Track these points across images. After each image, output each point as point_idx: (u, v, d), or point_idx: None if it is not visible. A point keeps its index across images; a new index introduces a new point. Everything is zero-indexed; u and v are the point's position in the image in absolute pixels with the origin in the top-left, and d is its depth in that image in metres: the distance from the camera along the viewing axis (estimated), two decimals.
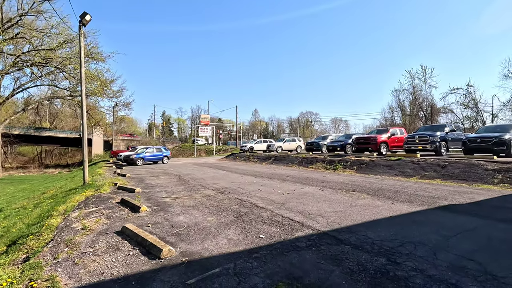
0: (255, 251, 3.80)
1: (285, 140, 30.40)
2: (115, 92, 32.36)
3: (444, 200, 6.66)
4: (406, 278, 2.91)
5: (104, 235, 4.72)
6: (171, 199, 7.83)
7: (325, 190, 8.62)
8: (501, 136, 12.11)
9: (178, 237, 4.52)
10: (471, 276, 2.90)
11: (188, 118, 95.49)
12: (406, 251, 3.61)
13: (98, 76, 27.69)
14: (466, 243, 3.84)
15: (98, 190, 9.49)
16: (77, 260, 3.70)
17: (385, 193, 7.82)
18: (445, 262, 3.25)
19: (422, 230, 4.48)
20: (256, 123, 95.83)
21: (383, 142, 16.83)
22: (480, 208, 5.88)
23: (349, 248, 3.79)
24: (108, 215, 6.13)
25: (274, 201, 7.14)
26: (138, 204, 6.65)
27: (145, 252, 3.90)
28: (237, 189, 9.30)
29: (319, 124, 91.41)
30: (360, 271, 3.12)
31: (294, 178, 11.92)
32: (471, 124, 36.97)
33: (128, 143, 53.25)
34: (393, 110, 50.19)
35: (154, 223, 5.36)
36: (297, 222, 5.12)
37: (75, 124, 55.71)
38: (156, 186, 10.59)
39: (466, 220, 5.01)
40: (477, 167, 10.18)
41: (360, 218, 5.27)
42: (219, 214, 5.96)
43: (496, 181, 8.89)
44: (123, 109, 38.87)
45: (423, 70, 42.65)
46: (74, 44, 24.86)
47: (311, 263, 3.35)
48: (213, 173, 15.13)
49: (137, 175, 14.92)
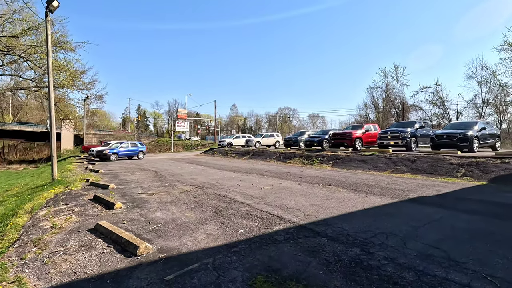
0: (234, 246, 3.81)
1: (263, 136, 30.55)
2: (86, 84, 30.67)
3: (413, 193, 7.04)
4: (378, 267, 3.06)
5: (76, 233, 4.52)
6: (147, 195, 7.64)
7: (303, 184, 8.80)
8: (464, 133, 12.97)
9: (155, 233, 4.43)
10: (436, 263, 3.11)
11: (164, 112, 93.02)
12: (379, 242, 3.79)
13: (67, 67, 26.08)
14: (432, 233, 4.09)
15: (68, 187, 9.04)
16: (47, 260, 3.52)
17: (360, 186, 8.12)
18: (414, 251, 3.45)
19: (393, 221, 4.72)
20: (234, 118, 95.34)
21: (358, 137, 17.41)
22: (445, 200, 6.29)
23: (326, 240, 3.91)
24: (80, 213, 5.87)
25: (252, 195, 7.19)
26: (112, 201, 6.43)
27: (120, 249, 3.78)
28: (215, 184, 9.25)
29: (297, 120, 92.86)
30: (336, 261, 3.23)
31: (272, 173, 12.04)
32: (438, 121, 39.15)
33: (101, 137, 50.99)
34: (367, 107, 52.03)
35: (129, 220, 5.21)
36: (275, 216, 5.20)
37: (42, 118, 52.41)
38: (132, 182, 10.27)
39: (433, 211, 5.33)
40: (443, 162, 10.84)
41: (336, 211, 5.45)
42: (198, 209, 5.91)
43: (460, 175, 9.53)
44: (95, 102, 36.94)
45: (395, 69, 44.42)
46: (40, 31, 23.21)
47: (289, 256, 3.43)
48: (191, 169, 14.92)
49: (111, 171, 14.38)
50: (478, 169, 9.52)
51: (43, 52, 23.13)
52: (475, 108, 36.59)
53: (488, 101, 34.95)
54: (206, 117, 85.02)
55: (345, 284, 2.73)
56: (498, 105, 34.73)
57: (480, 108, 35.79)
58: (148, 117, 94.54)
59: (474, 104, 36.52)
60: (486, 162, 9.84)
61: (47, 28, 10.95)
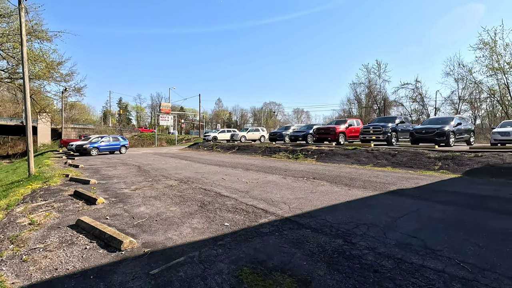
0: (220, 239, 3.83)
1: (248, 130, 30.54)
2: (63, 76, 29.37)
3: (393, 186, 7.30)
4: (360, 256, 3.17)
5: (56, 230, 4.39)
6: (130, 190, 7.50)
7: (288, 178, 8.92)
8: (441, 128, 13.51)
9: (139, 228, 4.37)
10: (414, 251, 3.26)
11: (147, 106, 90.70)
12: (360, 232, 3.92)
13: (43, 57, 24.87)
14: (411, 223, 4.28)
15: (46, 183, 8.72)
16: (25, 257, 3.41)
17: (343, 180, 8.33)
18: (393, 240, 3.60)
19: (374, 212, 4.89)
20: (219, 112, 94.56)
21: (341, 132, 17.76)
22: (423, 192, 6.57)
23: (310, 232, 4.00)
24: (60, 209, 5.69)
25: (238, 189, 7.22)
26: (94, 196, 6.27)
27: (103, 245, 3.71)
28: (200, 178, 9.20)
29: (282, 115, 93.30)
30: (320, 252, 3.33)
31: (257, 167, 12.11)
32: (418, 116, 40.51)
33: (80, 131, 49.27)
34: (350, 102, 53.00)
35: (112, 215, 5.11)
36: (261, 209, 5.25)
37: (16, 110, 49.86)
38: (114, 177, 10.04)
39: (411, 202, 5.57)
40: (422, 156, 11.28)
41: (320, 204, 5.58)
42: (183, 204, 5.87)
43: (437, 168, 9.95)
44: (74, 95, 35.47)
45: (378, 65, 45.38)
46: (13, 19, 21.96)
47: (274, 247, 3.49)
48: (175, 163, 14.74)
49: (92, 166, 13.96)
50: (454, 163, 9.98)
51: (16, 41, 21.95)
52: (452, 104, 38.14)
53: (464, 97, 36.52)
54: (190, 111, 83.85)
55: (328, 273, 2.82)
56: (473, 101, 36.37)
57: (456, 104, 37.34)
58: (130, 111, 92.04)
59: (451, 100, 38.06)
60: (461, 156, 10.33)
61: (21, 16, 10.38)
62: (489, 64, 28.80)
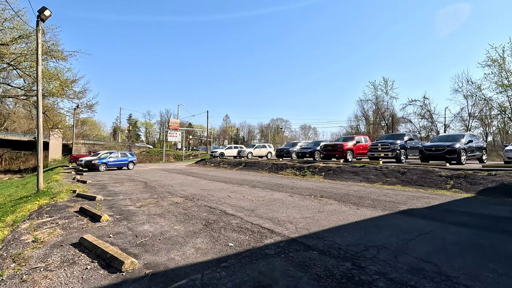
0: (224, 260, 3.71)
1: (255, 146, 30.57)
2: (76, 93, 30.31)
3: (403, 205, 7.07)
4: (370, 282, 3.01)
5: (59, 248, 4.34)
6: (135, 207, 7.46)
7: (295, 196, 8.75)
8: (452, 145, 13.24)
9: (142, 247, 4.28)
10: (428, 278, 3.08)
11: (156, 122, 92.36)
12: (370, 255, 3.75)
13: (57, 76, 25.79)
14: (423, 246, 4.08)
15: (53, 198, 8.76)
16: (26, 276, 3.35)
17: (351, 198, 8.12)
18: (405, 265, 3.42)
19: (384, 234, 4.70)
20: (227, 128, 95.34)
21: (349, 149, 17.58)
22: (435, 212, 6.32)
23: (317, 254, 3.85)
24: (64, 226, 5.67)
25: (244, 208, 7.09)
26: (98, 213, 6.23)
27: (105, 265, 3.64)
28: (206, 196, 9.12)
29: (289, 131, 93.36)
30: (327, 276, 3.17)
31: (264, 184, 11.97)
32: (426, 133, 39.97)
33: (90, 147, 50.16)
34: (358, 119, 52.85)
35: (116, 233, 5.04)
36: (266, 229, 5.12)
37: (30, 126, 51.35)
38: (120, 193, 10.04)
39: (423, 223, 5.35)
40: (432, 174, 10.98)
41: (328, 224, 5.41)
42: (187, 222, 5.78)
43: (449, 187, 9.65)
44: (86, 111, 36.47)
45: (385, 82, 45.54)
46: (31, 40, 23.02)
47: (280, 271, 3.35)
48: (181, 180, 14.72)
49: (99, 182, 14.05)
50: (467, 181, 9.67)
51: (33, 60, 22.89)
52: (461, 121, 37.61)
53: (474, 114, 36.00)
54: (198, 127, 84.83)
55: None
56: (483, 118, 35.79)
57: (466, 121, 36.80)
58: (140, 127, 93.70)
59: (460, 117, 37.57)
60: (474, 175, 10.02)
61: (38, 37, 10.86)
62: (498, 81, 28.54)
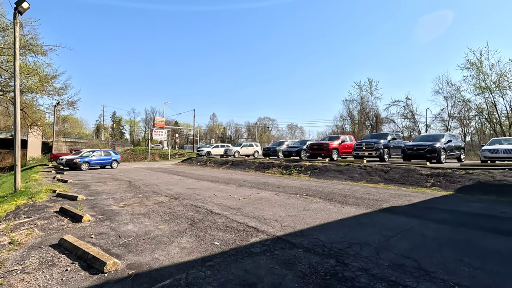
0: (209, 259, 3.69)
1: (242, 145, 30.52)
2: (57, 90, 29.21)
3: (386, 203, 7.25)
4: (352, 278, 3.07)
5: (37, 250, 4.19)
6: (119, 206, 7.29)
7: (281, 194, 8.81)
8: (433, 145, 13.69)
9: (125, 248, 4.20)
10: (408, 273, 3.18)
11: (141, 120, 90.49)
12: (353, 252, 3.83)
13: (36, 71, 24.80)
14: (404, 242, 4.21)
15: (32, 198, 8.44)
16: (1, 280, 3.21)
17: (336, 197, 8.26)
18: (387, 261, 3.52)
19: (367, 231, 4.81)
20: (214, 127, 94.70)
21: (335, 148, 17.85)
22: (416, 210, 6.53)
23: (302, 252, 3.89)
24: (44, 227, 5.47)
25: (230, 206, 7.08)
26: (80, 213, 6.06)
27: (86, 266, 3.54)
28: (192, 195, 9.03)
29: (276, 130, 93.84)
30: (312, 273, 3.22)
31: (250, 183, 11.98)
32: (409, 133, 41.08)
33: (72, 145, 48.61)
34: (343, 119, 53.67)
35: (98, 234, 4.92)
36: (252, 228, 5.13)
37: (7, 123, 49.14)
38: (103, 192, 9.79)
39: (404, 220, 5.51)
40: (414, 172, 11.33)
41: (313, 222, 5.48)
42: (172, 221, 5.71)
43: (429, 185, 9.98)
44: (67, 108, 35.23)
45: (369, 82, 46.38)
46: (9, 33, 22.02)
47: (265, 269, 3.37)
48: (167, 178, 14.51)
49: (81, 181, 13.64)
50: (446, 180, 10.03)
51: (10, 54, 21.89)
52: (442, 122, 38.88)
53: (453, 115, 37.33)
54: (185, 126, 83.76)
55: None
56: (462, 119, 37.17)
57: (446, 121, 38.09)
58: (124, 125, 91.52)
59: (441, 117, 38.81)
60: (452, 173, 10.40)
61: (15, 30, 10.40)
62: (476, 83, 29.67)
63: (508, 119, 29.47)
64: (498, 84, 27.95)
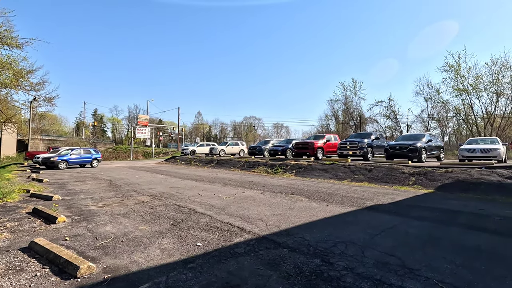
0: (191, 261, 3.55)
1: (228, 144, 30.30)
2: (33, 85, 27.83)
3: (370, 201, 7.32)
4: (338, 278, 3.02)
5: (4, 254, 3.89)
6: (97, 207, 6.98)
7: (266, 193, 8.74)
8: (414, 144, 14.04)
9: (102, 250, 3.98)
10: (392, 271, 3.16)
11: (124, 118, 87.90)
12: (339, 251, 3.79)
13: (11, 65, 23.56)
14: (388, 240, 4.22)
15: (3, 199, 7.94)
16: None
17: (321, 195, 8.27)
18: (372, 260, 3.49)
19: (352, 229, 4.80)
20: (199, 126, 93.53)
21: (320, 147, 18.00)
22: (399, 208, 6.62)
23: (287, 252, 3.81)
24: (13, 229, 5.13)
25: (214, 206, 6.93)
26: (54, 214, 5.73)
27: (57, 271, 3.31)
28: (175, 194, 8.80)
29: (262, 129, 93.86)
30: (297, 274, 3.14)
31: (236, 182, 11.85)
32: (391, 133, 42.14)
33: (50, 143, 46.69)
34: (328, 118, 54.44)
35: (73, 236, 4.65)
36: (236, 227, 5.01)
37: None
38: (81, 192, 9.37)
39: (388, 218, 5.56)
40: (396, 171, 11.56)
41: (298, 221, 5.43)
42: (154, 222, 5.50)
43: (411, 183, 10.20)
44: (45, 105, 33.68)
45: (354, 83, 47.23)
46: None
47: (249, 270, 3.26)
48: (150, 178, 14.13)
49: (58, 180, 13.05)
50: (427, 178, 10.29)
51: None
52: (422, 122, 40.08)
53: (433, 116, 38.60)
54: (169, 124, 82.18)
55: None
56: (441, 120, 38.50)
57: (426, 122, 39.30)
58: (106, 123, 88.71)
59: (421, 118, 40.01)
60: (433, 172, 10.69)
61: None
62: (454, 85, 30.78)
63: (484, 120, 30.79)
64: (474, 86, 29.13)
